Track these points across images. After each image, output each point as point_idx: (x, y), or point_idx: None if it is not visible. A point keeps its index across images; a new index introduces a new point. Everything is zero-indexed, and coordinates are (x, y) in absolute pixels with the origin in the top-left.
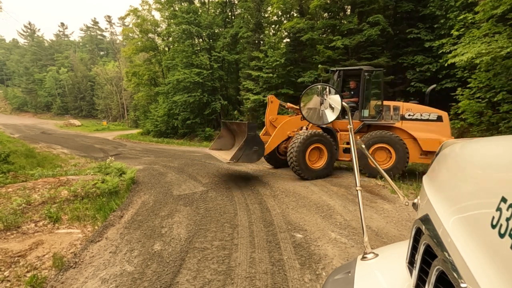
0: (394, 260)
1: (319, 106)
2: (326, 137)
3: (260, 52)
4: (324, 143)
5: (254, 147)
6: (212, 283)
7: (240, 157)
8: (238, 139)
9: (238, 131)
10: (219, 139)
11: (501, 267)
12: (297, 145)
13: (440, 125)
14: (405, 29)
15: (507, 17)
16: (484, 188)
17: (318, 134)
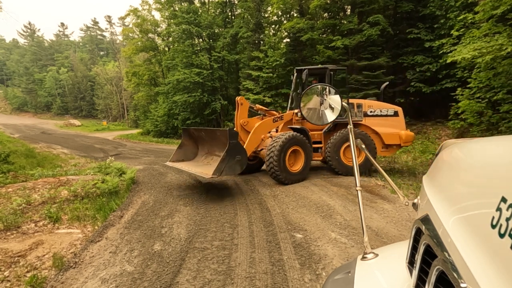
0: (394, 260)
1: (319, 106)
2: (303, 139)
3: (260, 52)
4: (302, 145)
5: (237, 157)
6: (212, 283)
7: (223, 169)
8: (203, 148)
9: (206, 139)
10: (180, 149)
11: (501, 267)
12: (277, 148)
13: (397, 119)
14: (405, 29)
15: (507, 17)
16: (484, 188)
17: (297, 136)
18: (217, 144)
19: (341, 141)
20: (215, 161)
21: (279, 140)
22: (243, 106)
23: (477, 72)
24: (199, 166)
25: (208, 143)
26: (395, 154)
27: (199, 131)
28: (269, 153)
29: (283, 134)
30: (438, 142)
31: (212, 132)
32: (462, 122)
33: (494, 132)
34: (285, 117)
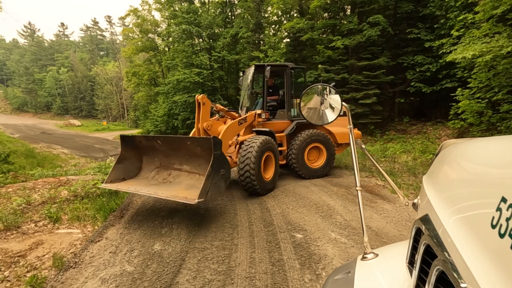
0: (394, 260)
1: (319, 106)
2: (275, 144)
3: (260, 52)
4: (274, 150)
5: (221, 171)
6: (212, 283)
7: (209, 189)
8: (151, 160)
9: (162, 149)
10: (120, 164)
11: (501, 267)
12: (254, 154)
13: (345, 118)
14: (405, 29)
15: (507, 17)
16: (484, 188)
17: (270, 141)
18: (178, 156)
19: (305, 143)
20: (179, 177)
21: (254, 145)
22: (205, 106)
23: (477, 72)
24: (157, 187)
25: (163, 154)
26: (343, 152)
27: (152, 140)
28: (244, 160)
29: (256, 138)
30: (438, 142)
31: (175, 140)
32: (462, 122)
33: (494, 132)
34: (249, 119)
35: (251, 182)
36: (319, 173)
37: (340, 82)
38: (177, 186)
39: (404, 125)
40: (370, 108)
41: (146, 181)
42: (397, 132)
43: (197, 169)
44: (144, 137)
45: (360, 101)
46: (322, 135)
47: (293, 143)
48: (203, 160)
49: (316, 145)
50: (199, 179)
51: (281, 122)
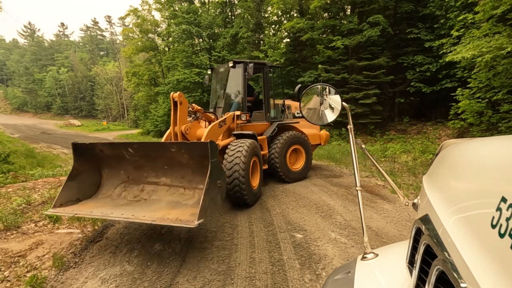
0: (394, 260)
1: (319, 106)
2: (259, 147)
3: (260, 52)
4: (258, 155)
5: (218, 182)
6: (212, 283)
7: (208, 205)
8: (116, 173)
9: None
10: (72, 181)
11: (501, 267)
12: (243, 160)
13: None
14: (405, 29)
15: (507, 17)
16: (484, 188)
17: (256, 145)
18: (155, 166)
19: (287, 146)
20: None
21: (243, 150)
22: (182, 106)
23: (477, 72)
24: (131, 207)
25: (132, 165)
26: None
27: (119, 148)
28: (232, 166)
29: (243, 142)
30: (438, 142)
31: (152, 147)
32: (462, 122)
33: (494, 132)
34: (228, 121)
35: (240, 192)
36: (300, 176)
37: (340, 82)
38: (157, 204)
39: (404, 125)
40: (370, 108)
41: (110, 200)
42: (397, 132)
43: (180, 181)
44: (107, 145)
45: (360, 101)
46: (301, 136)
47: (275, 146)
48: (189, 170)
49: (297, 147)
50: (184, 194)
51: (260, 124)
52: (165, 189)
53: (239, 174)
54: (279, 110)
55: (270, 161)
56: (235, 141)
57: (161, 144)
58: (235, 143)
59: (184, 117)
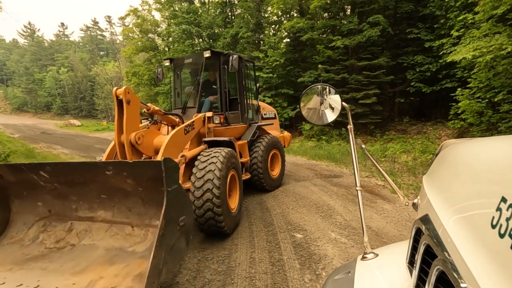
0: (394, 260)
1: (319, 106)
2: (238, 158)
3: (260, 52)
4: (237, 167)
5: (180, 219)
6: (212, 283)
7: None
8: (29, 206)
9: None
10: None
11: (501, 267)
12: (218, 175)
13: (276, 121)
14: (405, 29)
15: (507, 17)
16: (484, 188)
17: (234, 155)
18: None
19: (268, 150)
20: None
21: (217, 162)
22: (131, 107)
23: (477, 72)
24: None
25: (54, 194)
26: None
27: (31, 170)
28: (202, 185)
29: (217, 151)
30: (438, 142)
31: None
32: (462, 122)
33: (494, 132)
34: (196, 125)
35: (214, 218)
36: (278, 182)
37: (340, 82)
38: (88, 255)
39: (404, 125)
40: (370, 108)
41: (18, 249)
42: (397, 132)
43: (126, 216)
44: (7, 168)
45: (360, 101)
46: (278, 140)
47: (256, 151)
48: (138, 199)
49: (275, 151)
50: (131, 235)
51: (237, 127)
52: (103, 228)
53: (212, 194)
54: (254, 110)
55: (252, 169)
56: (207, 151)
57: (90, 164)
58: (207, 153)
59: (134, 121)
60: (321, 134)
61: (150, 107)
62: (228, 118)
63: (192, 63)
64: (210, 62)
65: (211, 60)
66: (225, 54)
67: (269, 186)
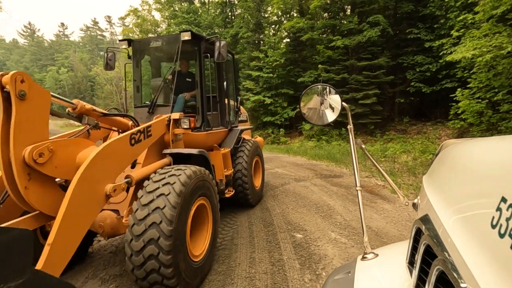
0: (394, 260)
1: (319, 106)
2: (211, 179)
3: (260, 52)
4: (209, 194)
5: None
6: (212, 283)
7: None
8: None
9: None
10: None
11: (501, 267)
12: (167, 217)
13: (247, 125)
14: (405, 29)
15: (507, 17)
16: (484, 188)
17: (205, 176)
18: None
19: (252, 158)
20: None
21: (176, 183)
22: (28, 103)
23: (477, 72)
24: None
25: None
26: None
27: None
28: (144, 216)
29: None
30: (438, 142)
31: None
32: (462, 122)
33: (494, 132)
34: (155, 130)
35: (160, 278)
36: (261, 194)
37: (340, 82)
38: None
39: (404, 125)
40: (370, 108)
41: None
42: (397, 132)
43: None
44: None
45: (360, 101)
46: (258, 144)
47: (240, 161)
48: None
49: (257, 159)
50: None
51: (218, 132)
52: None
53: (159, 232)
54: (234, 111)
55: (237, 183)
56: (166, 168)
57: None
58: (165, 171)
59: (33, 127)
60: (321, 134)
61: (77, 105)
62: (209, 121)
63: (162, 47)
64: (188, 48)
65: (190, 46)
66: (209, 39)
67: (254, 200)
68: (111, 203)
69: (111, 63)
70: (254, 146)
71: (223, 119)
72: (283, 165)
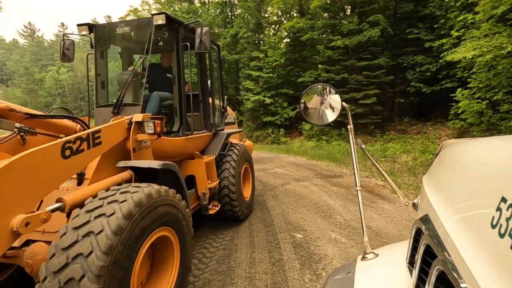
0: (394, 260)
1: (319, 106)
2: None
3: (260, 52)
4: (176, 222)
5: None
6: (212, 283)
7: None
8: None
9: None
10: None
11: (501, 267)
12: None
13: (235, 126)
14: (405, 29)
15: (507, 17)
16: (484, 188)
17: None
18: None
19: (240, 166)
20: None
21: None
22: None
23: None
24: None
25: None
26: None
27: None
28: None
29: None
30: (438, 142)
31: None
32: (462, 122)
33: (494, 132)
34: (107, 136)
35: None
36: (251, 206)
37: (340, 82)
38: None
39: (404, 125)
40: (370, 108)
41: None
42: (397, 132)
43: None
44: None
45: (360, 101)
46: (247, 149)
47: (226, 170)
48: None
49: (246, 166)
50: None
51: (200, 137)
52: None
53: None
54: (220, 112)
55: (222, 195)
56: (117, 187)
57: None
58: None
59: None
60: (321, 134)
61: None
62: (189, 124)
63: (132, 34)
64: (163, 34)
65: (165, 32)
66: (188, 26)
67: (243, 214)
68: (46, 232)
69: (68, 53)
70: (243, 151)
71: (207, 121)
72: (283, 165)
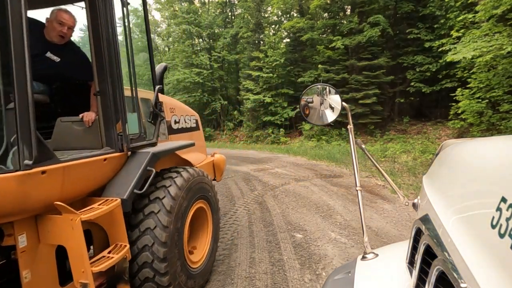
0: (394, 260)
1: (319, 106)
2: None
3: (260, 52)
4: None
5: None
6: (212, 283)
7: None
8: None
9: None
10: None
11: (501, 267)
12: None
13: (199, 135)
14: (405, 29)
15: (507, 17)
16: (484, 188)
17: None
18: None
19: (186, 208)
20: None
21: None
22: None
23: (477, 72)
24: None
25: None
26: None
27: None
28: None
29: None
30: (438, 142)
31: None
32: (462, 122)
33: (494, 132)
34: None
35: None
36: (203, 275)
37: (340, 82)
38: None
39: (404, 125)
40: (370, 108)
41: None
42: (397, 132)
43: None
44: None
45: (360, 101)
46: (205, 175)
47: (151, 221)
48: None
49: (201, 205)
50: None
51: (76, 166)
52: None
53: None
54: (147, 113)
55: (140, 268)
56: None
57: None
58: None
59: None
60: (321, 134)
61: None
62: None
63: None
64: None
65: None
66: None
67: None
68: None
69: None
70: (194, 180)
71: (109, 130)
72: (283, 165)
